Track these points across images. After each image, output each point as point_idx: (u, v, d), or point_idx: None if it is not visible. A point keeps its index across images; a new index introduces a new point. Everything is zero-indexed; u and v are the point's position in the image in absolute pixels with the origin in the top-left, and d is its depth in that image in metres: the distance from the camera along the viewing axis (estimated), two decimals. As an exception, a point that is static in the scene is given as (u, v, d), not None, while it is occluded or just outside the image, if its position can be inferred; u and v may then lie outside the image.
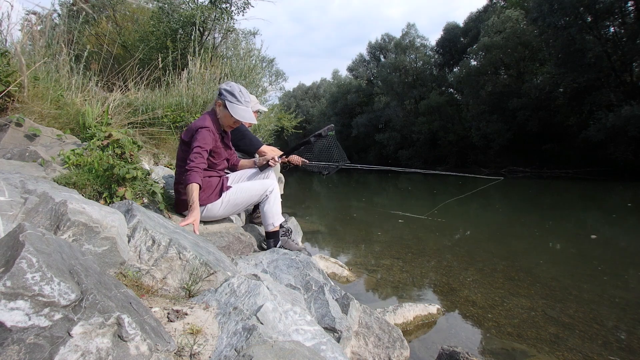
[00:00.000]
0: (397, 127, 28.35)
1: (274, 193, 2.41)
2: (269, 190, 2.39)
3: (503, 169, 18.60)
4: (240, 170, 2.63)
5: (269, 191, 2.39)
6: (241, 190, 2.35)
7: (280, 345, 1.00)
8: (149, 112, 4.23)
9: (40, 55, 3.37)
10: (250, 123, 2.55)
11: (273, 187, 2.41)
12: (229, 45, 7.80)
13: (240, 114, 2.20)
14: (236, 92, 2.21)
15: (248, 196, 2.36)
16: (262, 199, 2.40)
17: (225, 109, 2.21)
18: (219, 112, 2.26)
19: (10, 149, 2.24)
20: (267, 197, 2.39)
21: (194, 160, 2.06)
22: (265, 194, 2.39)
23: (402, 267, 3.33)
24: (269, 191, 2.39)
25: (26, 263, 0.77)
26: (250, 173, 2.61)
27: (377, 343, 1.68)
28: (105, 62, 4.63)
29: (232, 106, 2.19)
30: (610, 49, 16.22)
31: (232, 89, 2.21)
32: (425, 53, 29.02)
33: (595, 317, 2.30)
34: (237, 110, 2.19)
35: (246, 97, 2.24)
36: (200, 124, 2.18)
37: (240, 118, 2.20)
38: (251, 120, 2.28)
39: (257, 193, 2.38)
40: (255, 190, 2.37)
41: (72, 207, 1.27)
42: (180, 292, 1.38)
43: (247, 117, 2.23)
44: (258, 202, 2.42)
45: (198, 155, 2.09)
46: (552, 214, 6.56)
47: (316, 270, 1.86)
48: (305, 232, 4.30)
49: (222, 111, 2.24)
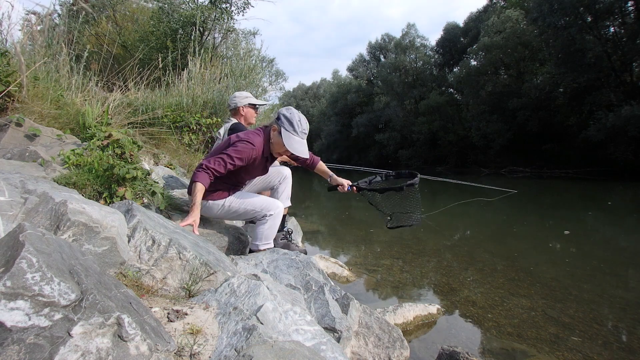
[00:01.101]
0: (397, 127, 28.36)
1: (275, 217, 2.22)
2: (270, 212, 2.20)
3: (503, 169, 18.60)
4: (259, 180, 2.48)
5: (269, 213, 2.20)
6: (244, 202, 2.19)
7: (280, 345, 1.00)
8: (149, 112, 4.23)
9: (40, 55, 3.37)
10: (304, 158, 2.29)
11: (277, 212, 2.23)
12: (229, 45, 7.80)
13: (294, 147, 2.03)
14: (294, 120, 2.04)
15: (251, 209, 2.20)
16: (261, 217, 2.22)
17: (279, 137, 2.05)
18: (273, 137, 2.10)
19: (10, 149, 2.24)
20: (265, 218, 2.21)
21: (212, 164, 1.96)
22: (265, 214, 2.20)
23: (402, 267, 3.33)
24: (269, 213, 2.20)
25: (26, 263, 0.77)
26: (262, 185, 2.50)
27: (377, 343, 1.68)
28: (105, 62, 4.63)
29: (288, 136, 2.03)
30: (610, 49, 16.22)
31: (292, 117, 2.05)
32: (425, 53, 29.03)
33: (595, 317, 2.30)
34: (291, 142, 2.03)
35: (304, 127, 2.07)
36: (249, 138, 2.05)
37: (293, 150, 2.04)
38: (304, 155, 2.10)
39: (259, 209, 2.20)
40: (258, 206, 2.20)
41: (72, 207, 1.27)
42: (180, 292, 1.38)
43: (300, 151, 2.05)
44: (256, 218, 2.25)
45: (220, 162, 1.98)
46: (552, 214, 6.56)
47: (316, 270, 1.86)
48: (305, 232, 4.31)
49: (275, 137, 2.08)
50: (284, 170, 2.53)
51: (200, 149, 4.76)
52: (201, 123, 4.72)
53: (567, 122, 17.88)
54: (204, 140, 4.80)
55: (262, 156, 2.13)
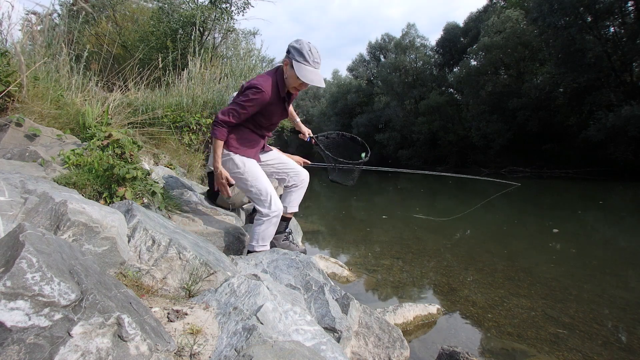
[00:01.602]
0: (397, 127, 28.34)
1: (271, 220, 2.16)
2: (267, 211, 2.13)
3: (503, 169, 18.59)
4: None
5: (266, 212, 2.13)
6: (258, 178, 2.12)
7: (280, 345, 1.00)
8: (149, 112, 4.23)
9: (40, 55, 3.37)
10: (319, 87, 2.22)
11: (274, 215, 2.15)
12: (229, 45, 7.81)
13: (308, 76, 1.96)
14: (305, 50, 1.95)
15: (257, 189, 2.12)
16: (258, 209, 2.17)
17: (292, 69, 1.98)
18: (286, 71, 2.04)
19: (10, 149, 2.24)
20: (261, 218, 2.14)
21: (226, 116, 1.98)
22: (262, 209, 2.14)
23: (402, 267, 3.33)
24: (266, 212, 2.13)
25: (26, 263, 0.77)
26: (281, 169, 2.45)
27: (377, 343, 1.68)
28: (105, 62, 4.63)
29: (299, 67, 1.95)
30: (610, 49, 16.21)
31: (301, 47, 1.96)
32: (425, 53, 29.01)
33: (595, 317, 2.30)
34: (304, 72, 1.95)
35: (315, 57, 1.98)
36: (254, 83, 2.01)
37: (307, 80, 1.96)
38: (319, 84, 2.01)
39: (263, 197, 2.14)
40: (264, 193, 2.13)
41: (72, 207, 1.27)
42: (180, 292, 1.38)
43: (315, 80, 1.98)
44: (254, 203, 2.22)
45: (234, 112, 1.99)
46: (552, 214, 6.56)
47: (316, 270, 1.86)
48: (305, 232, 4.30)
49: (288, 71, 2.01)
50: (304, 174, 2.47)
51: (200, 149, 4.76)
52: (201, 123, 4.73)
53: (567, 122, 17.87)
54: (204, 140, 4.81)
55: (276, 97, 2.08)
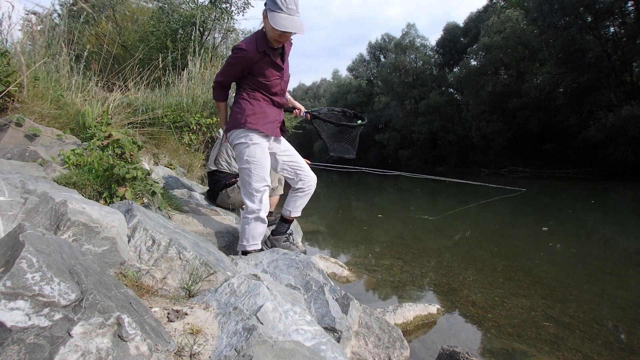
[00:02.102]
0: (397, 127, 28.34)
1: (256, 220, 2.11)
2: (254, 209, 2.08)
3: (503, 169, 18.60)
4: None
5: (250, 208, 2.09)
6: (258, 164, 2.06)
7: (280, 345, 1.00)
8: (149, 112, 4.24)
9: (40, 55, 3.37)
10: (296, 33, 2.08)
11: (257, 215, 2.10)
12: (229, 45, 7.81)
13: (282, 24, 1.87)
14: None
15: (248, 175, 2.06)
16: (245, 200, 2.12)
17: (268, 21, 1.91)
18: (265, 24, 1.97)
19: (10, 149, 2.24)
20: (248, 217, 2.10)
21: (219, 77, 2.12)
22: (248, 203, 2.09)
23: (402, 267, 3.33)
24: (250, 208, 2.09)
25: (26, 263, 0.77)
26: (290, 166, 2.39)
27: (377, 343, 1.68)
28: (105, 62, 4.63)
29: (273, 15, 1.88)
30: (610, 49, 16.22)
31: None
32: (425, 53, 29.03)
33: (595, 317, 2.30)
34: (277, 19, 1.87)
35: (289, 3, 1.89)
36: (239, 44, 2.02)
37: (282, 28, 1.87)
38: (296, 30, 1.91)
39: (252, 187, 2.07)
40: (254, 183, 2.06)
41: (72, 207, 1.27)
42: (180, 292, 1.38)
43: (290, 27, 1.88)
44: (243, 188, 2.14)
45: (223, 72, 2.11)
46: (552, 214, 6.56)
47: (316, 270, 1.86)
48: (305, 232, 4.30)
49: (267, 24, 1.94)
50: (312, 180, 2.42)
51: (200, 149, 4.77)
52: (201, 123, 4.73)
53: (567, 122, 17.87)
54: (204, 140, 4.81)
55: (261, 53, 2.01)
